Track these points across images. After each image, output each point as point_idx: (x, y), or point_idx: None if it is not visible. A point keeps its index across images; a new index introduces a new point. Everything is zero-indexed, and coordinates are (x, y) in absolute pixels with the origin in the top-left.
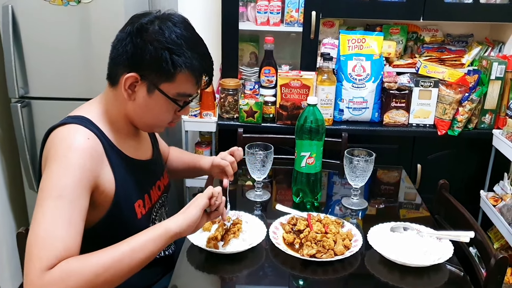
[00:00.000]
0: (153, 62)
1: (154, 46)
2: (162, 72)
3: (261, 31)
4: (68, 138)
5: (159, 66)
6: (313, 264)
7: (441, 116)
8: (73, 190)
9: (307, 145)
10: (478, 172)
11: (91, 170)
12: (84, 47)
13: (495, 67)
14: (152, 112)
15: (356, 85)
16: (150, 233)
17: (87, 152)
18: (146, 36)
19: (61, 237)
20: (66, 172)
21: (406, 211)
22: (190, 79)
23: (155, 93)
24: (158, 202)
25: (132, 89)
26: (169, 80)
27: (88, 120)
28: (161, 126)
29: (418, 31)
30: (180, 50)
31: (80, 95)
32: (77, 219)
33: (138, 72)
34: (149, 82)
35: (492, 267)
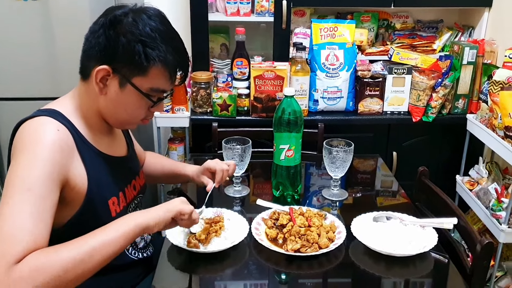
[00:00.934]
0: (126, 54)
1: (127, 38)
2: (134, 65)
3: (231, 22)
4: (37, 130)
5: (131, 59)
6: (298, 259)
7: (415, 103)
8: (42, 184)
9: (286, 138)
10: (453, 157)
11: (61, 164)
12: (48, 43)
13: (466, 52)
14: (124, 107)
15: (330, 75)
16: (120, 227)
17: (56, 144)
18: (119, 28)
19: (30, 231)
20: (34, 165)
21: (385, 199)
22: (164, 73)
23: (127, 87)
24: (133, 202)
25: (104, 82)
26: (142, 74)
27: (58, 113)
28: (134, 123)
29: (388, 18)
30: (154, 43)
31: (45, 95)
32: (46, 214)
33: (110, 65)
34: (121, 75)
35: (478, 253)
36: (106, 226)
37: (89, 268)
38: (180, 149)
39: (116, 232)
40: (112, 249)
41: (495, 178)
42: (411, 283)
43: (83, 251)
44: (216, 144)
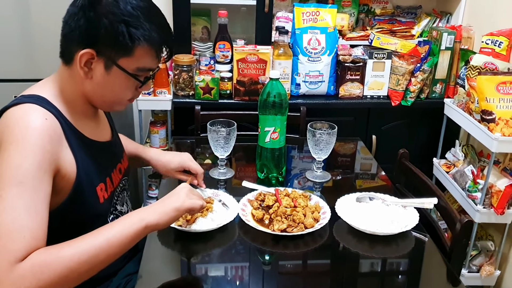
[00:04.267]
0: (109, 36)
1: (109, 20)
2: (119, 47)
3: (213, 5)
4: (25, 118)
5: (115, 41)
6: (284, 239)
7: (394, 87)
8: (34, 175)
9: (271, 120)
10: (431, 141)
11: (52, 153)
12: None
13: (445, 37)
14: (112, 89)
15: (312, 59)
16: (127, 226)
17: (46, 133)
18: (99, 9)
19: (28, 226)
20: (25, 156)
21: (366, 181)
22: (150, 52)
23: (113, 69)
24: (119, 185)
25: (89, 66)
26: (128, 55)
27: (43, 99)
28: (122, 104)
29: (369, 3)
30: (137, 22)
31: (20, 76)
32: (42, 206)
33: (93, 48)
34: (106, 58)
35: (457, 232)
36: (113, 224)
37: (94, 268)
38: (162, 132)
39: (123, 232)
40: (118, 250)
41: (471, 160)
42: (393, 261)
43: (89, 250)
44: (199, 127)
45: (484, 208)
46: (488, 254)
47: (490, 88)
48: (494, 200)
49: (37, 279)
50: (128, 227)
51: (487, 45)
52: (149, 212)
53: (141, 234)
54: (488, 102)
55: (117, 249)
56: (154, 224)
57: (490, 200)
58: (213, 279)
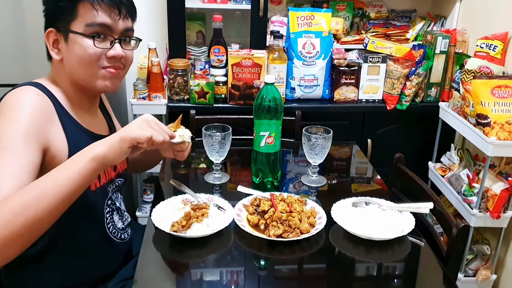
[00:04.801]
0: (53, 8)
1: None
2: (64, 13)
3: (208, 9)
4: (16, 95)
5: (59, 9)
6: (280, 244)
7: (389, 91)
8: (19, 142)
9: (266, 125)
10: (426, 144)
11: (41, 126)
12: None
13: (439, 41)
14: (78, 59)
15: (307, 63)
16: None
17: (35, 106)
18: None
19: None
20: (11, 124)
21: (361, 185)
22: (89, 5)
23: (69, 37)
24: (114, 183)
25: (57, 47)
26: (74, 18)
27: (39, 84)
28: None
29: (363, 7)
30: None
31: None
32: (22, 172)
33: (51, 26)
34: (62, 30)
35: (454, 236)
36: (62, 164)
37: (43, 209)
38: None
39: (70, 168)
40: (67, 187)
41: (466, 164)
42: (390, 266)
43: (34, 192)
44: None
45: (480, 212)
46: (484, 258)
47: (485, 92)
48: (489, 204)
49: None
50: (75, 162)
51: (482, 49)
52: (96, 144)
53: (90, 167)
54: (483, 106)
55: (66, 186)
56: (101, 156)
57: (485, 204)
58: (208, 284)
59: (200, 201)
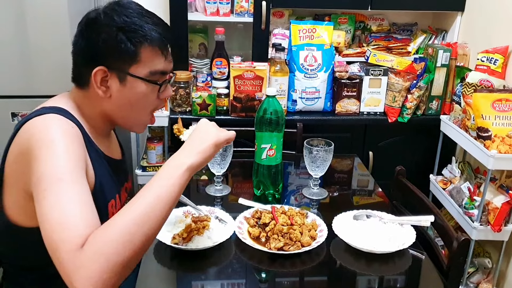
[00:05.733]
0: (112, 48)
1: (107, 33)
2: (124, 55)
3: (210, 22)
4: (53, 124)
5: (119, 50)
6: (280, 257)
7: (391, 104)
8: (72, 171)
9: (267, 137)
10: (427, 157)
11: (83, 155)
12: (21, 40)
13: (440, 54)
14: (131, 102)
15: (308, 75)
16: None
17: (75, 137)
18: (96, 27)
19: (78, 216)
20: (58, 155)
21: (363, 198)
22: (154, 51)
23: (127, 80)
24: (124, 204)
25: (105, 85)
26: (135, 61)
27: (65, 111)
28: (144, 120)
29: (365, 20)
30: (134, 26)
31: (18, 93)
32: (87, 197)
33: (103, 64)
34: (117, 70)
35: (454, 250)
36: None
37: (154, 224)
38: (159, 148)
39: (169, 183)
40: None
41: (467, 177)
42: (390, 279)
43: (141, 210)
44: None
45: (481, 225)
46: (486, 271)
47: (486, 106)
48: (490, 217)
49: (104, 254)
50: (172, 177)
51: (483, 62)
52: (187, 154)
53: (187, 179)
54: (484, 119)
55: (169, 200)
56: (196, 166)
57: (487, 217)
58: None
59: (201, 214)
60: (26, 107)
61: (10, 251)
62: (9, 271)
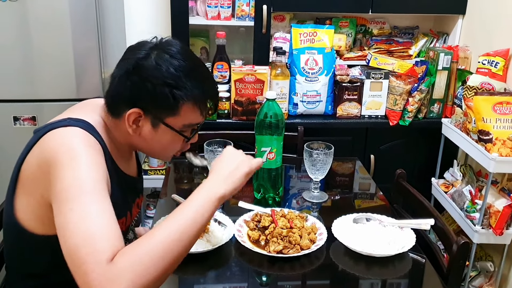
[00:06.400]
0: (154, 98)
1: (152, 83)
2: (164, 107)
3: (211, 26)
4: (77, 137)
5: (160, 102)
6: (280, 260)
7: (392, 107)
8: (96, 185)
9: (267, 140)
10: (429, 160)
11: (106, 170)
12: (25, 45)
13: (441, 57)
14: (159, 144)
15: (309, 79)
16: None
17: (99, 153)
18: (143, 73)
19: (107, 228)
20: (85, 168)
21: (363, 201)
22: (194, 109)
23: (160, 127)
24: (134, 219)
25: (137, 124)
26: (173, 114)
27: (91, 126)
28: (169, 156)
29: (366, 23)
30: (180, 82)
31: (21, 97)
32: (110, 212)
33: (140, 108)
34: (153, 116)
35: (454, 253)
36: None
37: (183, 248)
38: None
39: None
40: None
41: (469, 180)
42: (390, 283)
43: (174, 230)
44: (196, 147)
45: (483, 228)
46: (488, 275)
47: (487, 108)
48: (492, 220)
49: (134, 271)
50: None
51: (484, 65)
52: (221, 184)
53: (215, 207)
54: (485, 122)
55: (198, 228)
56: (227, 195)
57: (488, 220)
58: None
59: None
60: (28, 111)
61: (16, 255)
62: (12, 275)
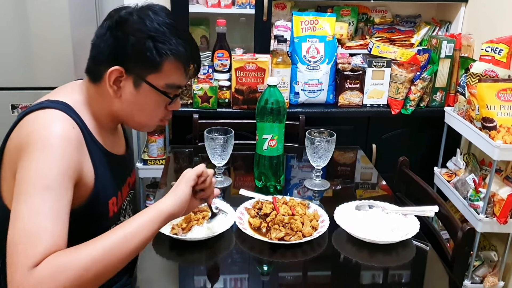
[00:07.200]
0: (137, 52)
1: (136, 36)
2: (147, 63)
3: (211, 14)
4: (53, 124)
5: (143, 56)
6: (281, 248)
7: (394, 96)
8: (61, 182)
9: (269, 128)
10: (432, 149)
11: (77, 161)
12: (23, 32)
13: (444, 45)
14: (141, 108)
15: (311, 67)
16: (142, 218)
17: (73, 142)
18: (126, 27)
19: (49, 232)
20: (53, 162)
21: (366, 191)
22: (178, 67)
23: (142, 86)
24: (126, 199)
25: (118, 84)
26: (156, 71)
27: (70, 107)
28: (152, 125)
29: (368, 12)
30: (164, 37)
31: (18, 84)
32: (64, 214)
33: (122, 66)
34: (135, 75)
35: (459, 240)
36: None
37: (112, 265)
38: (160, 142)
39: (140, 228)
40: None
41: (472, 169)
42: (394, 270)
43: (104, 248)
44: (197, 135)
45: (487, 217)
46: (492, 264)
47: (491, 95)
48: (496, 209)
49: (55, 281)
50: (145, 222)
51: (487, 52)
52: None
53: (159, 227)
54: (489, 109)
55: (133, 242)
56: (172, 215)
57: (492, 209)
58: None
59: (202, 204)
60: (26, 99)
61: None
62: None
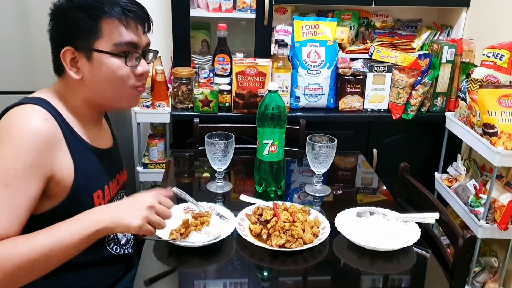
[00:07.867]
0: (74, 26)
1: (69, 13)
2: (85, 31)
3: (212, 18)
4: (24, 118)
5: (81, 28)
6: (282, 255)
7: (395, 101)
8: (22, 177)
9: (269, 133)
10: (432, 155)
11: (46, 157)
12: (24, 36)
13: (445, 50)
14: (105, 80)
15: (311, 72)
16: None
17: (44, 136)
18: (61, 12)
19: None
20: (17, 156)
21: (366, 196)
22: (115, 23)
23: (94, 56)
24: (116, 197)
25: (76, 65)
26: (98, 35)
27: (46, 101)
28: (127, 94)
29: (369, 16)
30: (93, 2)
31: (19, 89)
32: (21, 208)
33: (69, 45)
34: (84, 49)
35: (460, 247)
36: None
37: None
38: (161, 145)
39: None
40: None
41: (473, 175)
42: (395, 278)
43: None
44: (197, 140)
45: (487, 223)
46: (492, 270)
47: (492, 101)
48: (497, 215)
49: None
50: (82, 229)
51: (488, 58)
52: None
53: (96, 237)
54: (490, 115)
55: (69, 250)
56: (110, 229)
57: (493, 215)
58: None
59: (202, 210)
60: None
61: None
62: None
